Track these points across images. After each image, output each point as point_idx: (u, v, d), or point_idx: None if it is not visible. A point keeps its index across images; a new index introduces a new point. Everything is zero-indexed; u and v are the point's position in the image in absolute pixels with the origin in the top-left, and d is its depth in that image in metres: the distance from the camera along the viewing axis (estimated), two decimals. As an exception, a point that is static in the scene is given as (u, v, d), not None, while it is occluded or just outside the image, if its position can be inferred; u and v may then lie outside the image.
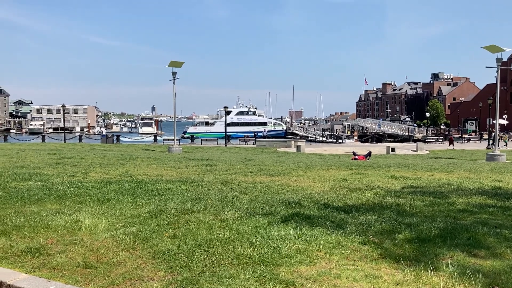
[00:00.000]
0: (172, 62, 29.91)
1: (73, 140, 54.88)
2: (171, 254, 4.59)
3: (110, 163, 15.84)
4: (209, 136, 65.09)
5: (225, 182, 10.27)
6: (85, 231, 5.54)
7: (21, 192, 8.44)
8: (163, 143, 47.70)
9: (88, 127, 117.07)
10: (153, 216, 6.40)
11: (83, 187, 9.20)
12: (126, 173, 12.16)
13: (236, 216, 6.34)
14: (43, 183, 9.77)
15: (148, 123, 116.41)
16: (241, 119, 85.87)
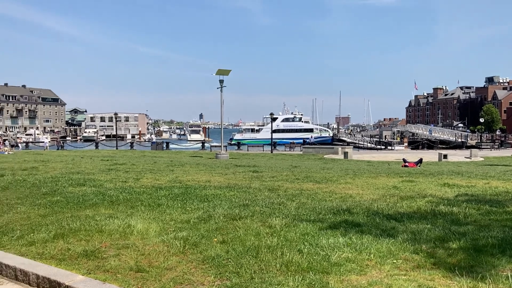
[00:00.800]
0: (220, 70, 30.36)
1: (125, 147, 56.75)
2: (220, 260, 4.63)
3: (160, 169, 16.24)
4: (255, 142, 65.41)
5: (272, 189, 10.27)
6: (137, 235, 5.70)
7: (76, 197, 8.80)
8: (211, 149, 48.41)
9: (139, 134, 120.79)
10: (202, 221, 6.50)
11: (135, 192, 9.47)
12: (176, 179, 12.41)
13: (283, 223, 6.32)
14: (97, 189, 10.15)
15: (196, 130, 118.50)
16: (287, 125, 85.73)
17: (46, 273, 4.33)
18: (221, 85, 30.65)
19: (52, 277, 4.23)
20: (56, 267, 4.53)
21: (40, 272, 4.36)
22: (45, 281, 4.26)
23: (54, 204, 8.02)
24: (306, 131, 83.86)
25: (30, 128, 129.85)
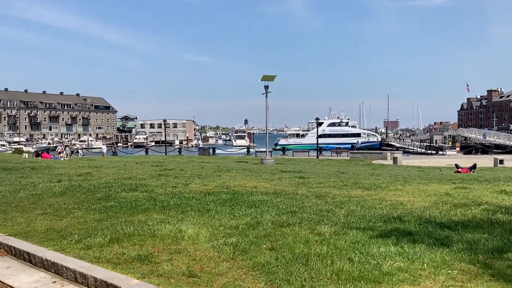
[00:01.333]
0: (265, 76, 30.53)
1: (173, 152, 58.07)
2: (270, 267, 4.65)
3: (208, 174, 16.50)
4: (300, 148, 65.17)
5: (319, 195, 10.20)
6: (188, 240, 5.82)
7: (129, 202, 9.10)
8: (256, 155, 48.65)
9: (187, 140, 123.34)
10: (251, 227, 6.55)
11: (184, 198, 9.67)
12: (223, 185, 12.57)
13: (332, 231, 6.26)
14: (148, 194, 10.44)
15: (241, 136, 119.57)
16: (333, 130, 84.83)
17: (103, 276, 4.51)
18: (266, 91, 30.81)
19: (109, 280, 4.40)
20: (112, 270, 4.71)
21: (97, 275, 4.54)
22: (103, 284, 4.44)
23: (109, 209, 8.34)
24: (353, 135, 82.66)
25: (84, 135, 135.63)
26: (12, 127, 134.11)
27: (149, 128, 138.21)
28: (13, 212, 8.18)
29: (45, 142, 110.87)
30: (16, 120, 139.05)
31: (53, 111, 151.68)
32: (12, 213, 8.13)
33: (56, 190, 11.10)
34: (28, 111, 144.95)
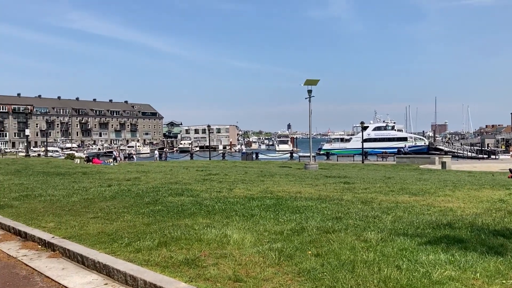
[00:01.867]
0: (308, 80, 30.41)
1: (217, 157, 58.79)
2: (315, 273, 4.63)
3: (251, 179, 16.60)
4: (345, 152, 64.27)
5: (365, 201, 10.04)
6: (233, 245, 5.88)
7: (176, 207, 9.30)
8: (299, 160, 48.44)
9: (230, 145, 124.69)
10: (295, 233, 6.53)
11: (229, 202, 9.78)
12: (267, 190, 12.61)
13: (379, 237, 6.14)
14: (194, 198, 10.64)
15: (284, 141, 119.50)
16: (379, 134, 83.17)
17: (152, 279, 4.63)
18: (309, 95, 30.67)
19: (158, 283, 4.52)
20: (160, 274, 4.83)
21: (147, 278, 4.67)
22: (152, 286, 4.56)
23: (156, 213, 8.56)
24: (399, 140, 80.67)
25: (132, 141, 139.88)
26: (64, 134, 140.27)
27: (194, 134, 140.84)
28: (67, 216, 8.55)
29: (95, 148, 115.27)
30: (68, 127, 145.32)
31: (102, 118, 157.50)
32: (66, 216, 8.51)
33: (106, 194, 11.51)
34: (80, 118, 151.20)
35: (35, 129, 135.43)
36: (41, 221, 8.16)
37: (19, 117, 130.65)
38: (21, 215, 8.86)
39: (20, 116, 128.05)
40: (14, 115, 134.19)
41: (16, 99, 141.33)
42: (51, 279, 5.40)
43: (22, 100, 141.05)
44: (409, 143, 79.35)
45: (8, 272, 5.76)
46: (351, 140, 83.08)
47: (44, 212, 9.09)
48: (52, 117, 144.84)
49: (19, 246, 7.07)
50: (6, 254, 6.66)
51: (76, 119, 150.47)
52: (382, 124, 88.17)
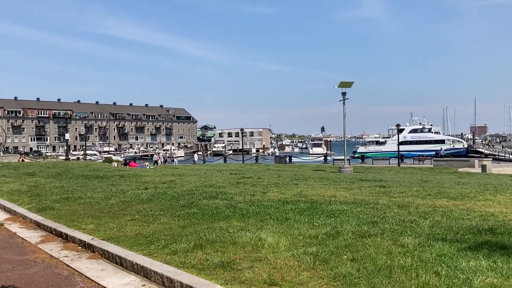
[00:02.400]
0: (342, 82, 30.12)
1: (250, 160, 59.02)
2: (351, 278, 4.58)
3: (285, 183, 16.57)
4: (380, 155, 63.31)
5: (401, 205, 9.85)
6: (268, 248, 5.89)
7: (210, 209, 9.40)
8: (333, 163, 47.96)
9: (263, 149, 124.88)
10: (330, 237, 6.48)
11: (263, 206, 9.79)
12: (301, 193, 12.56)
13: (416, 242, 6.02)
14: (228, 201, 10.71)
15: (318, 144, 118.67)
16: (415, 137, 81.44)
17: (189, 281, 4.70)
18: (343, 98, 30.35)
19: (194, 285, 4.58)
20: (196, 276, 4.90)
21: (183, 280, 4.75)
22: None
23: (192, 216, 8.67)
24: (437, 142, 78.77)
25: (167, 144, 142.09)
26: (102, 138, 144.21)
27: (227, 137, 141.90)
28: (105, 218, 8.79)
29: (131, 151, 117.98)
30: (106, 131, 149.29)
31: (139, 122, 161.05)
32: (104, 218, 8.74)
33: (143, 197, 11.75)
34: (117, 123, 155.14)
35: (75, 133, 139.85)
36: (81, 223, 8.42)
37: (59, 121, 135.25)
38: (62, 217, 9.17)
39: (60, 121, 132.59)
40: (54, 119, 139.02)
41: (56, 104, 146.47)
42: (91, 280, 5.57)
43: (62, 105, 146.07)
44: (447, 145, 77.34)
45: (51, 272, 5.97)
46: (386, 142, 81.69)
47: (83, 214, 9.37)
48: (91, 122, 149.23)
49: (61, 247, 7.32)
50: (48, 255, 6.91)
51: (114, 123, 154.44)
52: (419, 127, 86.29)
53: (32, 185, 16.03)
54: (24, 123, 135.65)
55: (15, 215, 10.47)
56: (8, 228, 9.15)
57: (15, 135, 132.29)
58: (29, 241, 7.95)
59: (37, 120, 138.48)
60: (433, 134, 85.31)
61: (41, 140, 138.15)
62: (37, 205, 10.93)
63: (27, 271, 6.05)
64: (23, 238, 8.22)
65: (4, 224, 9.57)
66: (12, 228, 9.17)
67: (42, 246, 7.45)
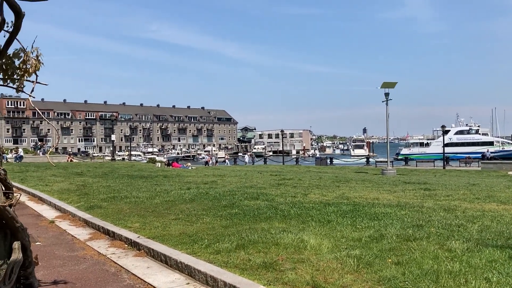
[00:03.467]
0: (385, 83, 29.58)
1: (290, 162, 58.83)
2: (396, 282, 4.49)
3: (326, 185, 16.42)
4: (424, 157, 61.61)
5: (447, 209, 9.55)
6: (310, 250, 5.87)
7: (252, 210, 9.45)
8: (376, 165, 47.11)
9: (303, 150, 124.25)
10: (374, 240, 6.38)
11: (304, 208, 9.76)
12: (343, 195, 12.42)
13: (465, 247, 5.83)
14: (269, 203, 10.74)
15: (359, 145, 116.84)
16: (461, 138, 78.61)
17: (232, 281, 4.75)
18: (386, 98, 29.80)
19: (237, 285, 4.63)
20: (239, 276, 4.94)
21: (227, 279, 4.81)
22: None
23: (233, 216, 8.75)
24: (484, 144, 75.64)
25: (208, 145, 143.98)
26: (146, 139, 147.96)
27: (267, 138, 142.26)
28: (150, 217, 9.01)
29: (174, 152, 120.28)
30: (150, 132, 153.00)
31: (181, 123, 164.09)
32: (149, 217, 8.97)
33: (186, 197, 11.96)
34: (160, 124, 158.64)
35: (120, 135, 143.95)
36: (127, 221, 8.67)
37: (106, 123, 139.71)
38: (109, 216, 9.48)
39: (107, 123, 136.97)
40: (101, 121, 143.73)
41: (103, 106, 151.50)
42: (137, 277, 5.73)
43: (108, 107, 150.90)
44: (495, 147, 74.18)
45: (100, 269, 6.19)
46: (431, 144, 79.34)
47: (129, 213, 9.65)
48: (135, 123, 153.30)
49: (108, 244, 7.57)
50: (96, 252, 7.16)
51: (157, 125, 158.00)
52: (465, 128, 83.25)
53: (81, 184, 16.65)
54: (72, 124, 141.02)
55: (65, 213, 10.90)
56: (59, 226, 9.55)
57: (63, 136, 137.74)
58: (78, 238, 8.27)
59: (84, 121, 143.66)
60: (481, 135, 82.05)
61: (88, 141, 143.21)
62: (86, 204, 11.34)
63: (77, 267, 6.29)
64: (73, 235, 8.55)
65: (55, 221, 9.99)
66: (62, 225, 9.56)
67: (91, 243, 7.73)
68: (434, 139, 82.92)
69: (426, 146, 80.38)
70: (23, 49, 4.04)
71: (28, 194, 14.63)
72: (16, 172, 23.38)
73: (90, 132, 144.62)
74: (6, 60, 4.07)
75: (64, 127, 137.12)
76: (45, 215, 10.93)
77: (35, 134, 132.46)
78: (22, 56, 4.07)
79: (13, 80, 4.19)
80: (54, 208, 11.90)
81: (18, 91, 4.22)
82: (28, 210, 11.74)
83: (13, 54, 4.04)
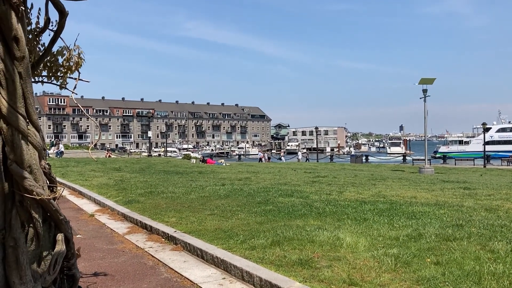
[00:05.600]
0: (423, 79, 28.88)
1: (325, 159, 58.38)
2: (436, 282, 4.39)
3: (362, 183, 16.20)
4: (463, 156, 59.77)
5: (489, 209, 9.24)
6: (347, 248, 5.80)
7: (286, 207, 9.43)
8: (413, 163, 46.06)
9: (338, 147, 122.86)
10: (412, 239, 6.25)
11: (340, 205, 9.65)
12: (379, 194, 12.22)
13: (508, 248, 5.62)
14: (304, 200, 10.69)
15: (396, 143, 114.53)
16: (503, 136, 75.81)
17: (268, 276, 4.76)
18: (424, 95, 29.10)
19: (273, 281, 4.63)
20: (275, 272, 4.94)
21: (262, 275, 4.82)
22: (267, 284, 4.69)
23: (268, 213, 8.76)
24: (528, 142, 72.75)
25: (242, 142, 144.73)
26: (181, 135, 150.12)
27: (301, 136, 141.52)
28: (186, 212, 9.14)
29: (208, 148, 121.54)
30: (185, 129, 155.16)
31: (215, 120, 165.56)
32: (185, 212, 9.10)
33: (221, 193, 12.06)
34: (195, 121, 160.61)
35: (156, 131, 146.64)
36: (164, 216, 8.83)
37: (142, 120, 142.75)
38: (146, 210, 9.67)
39: (143, 119, 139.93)
40: (137, 118, 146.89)
41: (139, 103, 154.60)
42: (174, 271, 5.82)
43: (144, 104, 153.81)
44: (540, 145, 71.14)
45: (138, 262, 6.33)
46: (470, 142, 76.95)
47: (166, 207, 9.81)
48: (171, 120, 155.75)
49: (145, 238, 7.73)
50: (135, 245, 7.33)
51: (192, 121, 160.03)
52: (508, 125, 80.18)
53: (119, 179, 17.06)
54: (111, 121, 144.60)
55: (104, 207, 11.20)
56: (98, 219, 9.82)
57: (102, 132, 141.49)
58: (117, 231, 8.48)
59: (122, 118, 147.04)
60: (525, 133, 78.88)
61: (125, 137, 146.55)
62: (124, 198, 11.62)
63: (116, 260, 6.46)
64: (112, 228, 8.78)
65: (95, 215, 10.28)
66: (101, 219, 9.83)
67: (129, 237, 7.91)
68: (474, 137, 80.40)
69: (465, 144, 78.03)
70: (66, 47, 4.18)
71: (69, 189, 15.12)
72: (58, 167, 24.21)
73: (127, 128, 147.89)
74: (51, 57, 4.21)
75: (102, 124, 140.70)
76: (85, 209, 11.27)
77: (75, 131, 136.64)
78: (66, 54, 4.20)
79: (56, 77, 4.33)
80: (93, 202, 12.25)
81: (62, 88, 4.36)
82: (69, 204, 12.13)
83: (57, 52, 4.18)
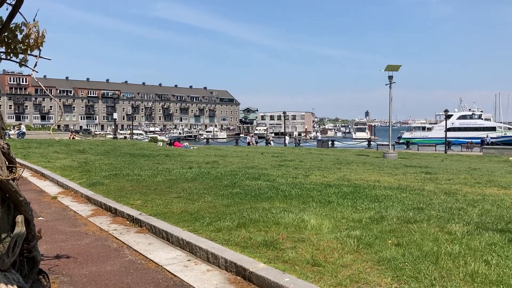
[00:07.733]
0: (389, 66, 29.35)
1: (291, 144, 58.83)
2: (396, 262, 4.53)
3: (327, 167, 16.44)
4: (426, 142, 61.50)
5: (448, 192, 9.57)
6: (311, 230, 5.90)
7: (253, 190, 9.48)
8: (377, 148, 47.12)
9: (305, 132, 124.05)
10: (374, 222, 6.41)
11: (305, 188, 9.78)
12: (344, 177, 12.44)
13: (465, 230, 5.85)
14: (270, 183, 10.77)
15: (361, 128, 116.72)
16: (463, 123, 78.43)
17: (233, 258, 4.80)
18: (390, 82, 29.59)
19: (238, 262, 4.67)
20: (240, 253, 4.98)
21: (227, 256, 4.85)
22: (232, 265, 4.73)
23: (235, 196, 8.79)
24: (487, 129, 75.50)
25: (210, 126, 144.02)
26: (148, 118, 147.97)
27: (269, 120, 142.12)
28: (152, 195, 9.06)
29: (176, 132, 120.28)
30: (151, 111, 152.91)
31: (183, 103, 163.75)
32: (151, 195, 9.02)
33: (188, 176, 12.00)
34: (162, 103, 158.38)
35: (122, 113, 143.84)
36: (129, 198, 8.72)
37: (108, 101, 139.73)
38: (111, 193, 9.53)
39: (109, 101, 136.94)
40: (103, 99, 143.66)
41: (105, 84, 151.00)
42: (139, 253, 5.78)
43: (110, 85, 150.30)
44: (498, 133, 74.05)
45: (102, 244, 6.25)
46: (433, 128, 79.22)
47: (131, 190, 9.69)
48: (137, 102, 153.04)
49: (110, 221, 7.63)
50: (98, 228, 7.23)
51: (159, 104, 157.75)
52: (468, 113, 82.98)
53: (83, 161, 16.70)
54: (75, 102, 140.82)
55: (67, 189, 10.96)
56: (61, 201, 9.61)
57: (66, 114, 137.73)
58: (80, 214, 8.33)
59: (86, 99, 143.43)
60: (483, 121, 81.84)
61: (90, 119, 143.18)
62: (88, 181, 11.40)
63: (79, 242, 6.35)
64: (75, 211, 8.62)
65: (58, 197, 10.05)
66: (64, 201, 9.63)
67: (93, 219, 7.79)
68: (436, 124, 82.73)
69: (428, 130, 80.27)
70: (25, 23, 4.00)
71: (30, 170, 14.70)
72: (19, 148, 23.45)
73: (92, 110, 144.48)
74: (9, 33, 4.03)
75: (66, 105, 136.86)
76: (48, 191, 11.00)
77: (37, 111, 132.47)
78: (24, 30, 4.03)
79: (16, 54, 4.16)
80: (56, 184, 11.97)
81: (21, 65, 4.19)
82: (30, 186, 11.81)
83: (15, 27, 4.00)
